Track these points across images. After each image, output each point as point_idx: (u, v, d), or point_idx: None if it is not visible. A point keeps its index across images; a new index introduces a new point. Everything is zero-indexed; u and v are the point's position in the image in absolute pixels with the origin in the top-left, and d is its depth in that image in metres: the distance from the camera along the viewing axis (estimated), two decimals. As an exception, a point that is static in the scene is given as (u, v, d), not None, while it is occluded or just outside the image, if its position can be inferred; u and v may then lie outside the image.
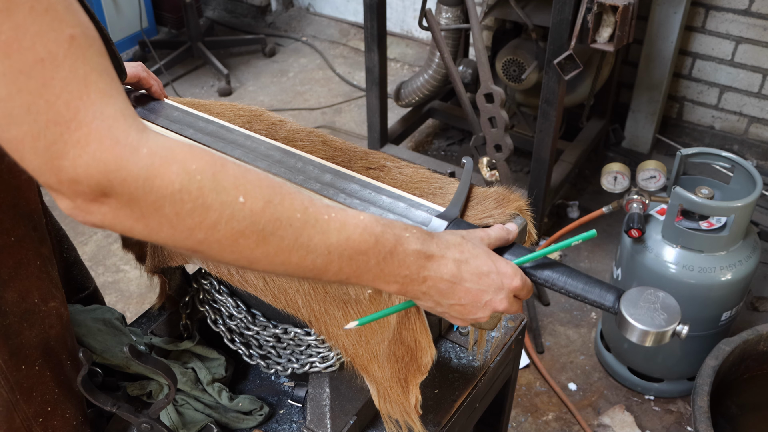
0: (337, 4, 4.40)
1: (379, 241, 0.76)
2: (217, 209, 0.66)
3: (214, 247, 0.68)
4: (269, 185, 0.70)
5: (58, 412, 1.05)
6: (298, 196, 0.72)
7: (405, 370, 1.00)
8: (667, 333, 0.84)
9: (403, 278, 0.79)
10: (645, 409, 2.33)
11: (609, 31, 2.16)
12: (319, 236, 0.72)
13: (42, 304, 0.99)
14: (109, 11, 4.01)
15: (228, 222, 0.67)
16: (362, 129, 3.58)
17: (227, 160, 0.69)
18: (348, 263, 0.75)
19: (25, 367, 0.98)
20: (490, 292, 0.84)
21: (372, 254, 0.76)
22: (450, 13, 2.96)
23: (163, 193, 0.64)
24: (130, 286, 2.74)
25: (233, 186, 0.67)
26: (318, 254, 0.73)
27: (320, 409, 1.15)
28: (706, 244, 1.99)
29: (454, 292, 0.82)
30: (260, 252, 0.70)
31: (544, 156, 2.51)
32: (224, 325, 1.21)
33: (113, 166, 0.62)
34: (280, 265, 0.72)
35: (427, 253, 0.80)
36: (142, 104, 1.22)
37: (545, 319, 2.62)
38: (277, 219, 0.69)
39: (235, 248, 0.69)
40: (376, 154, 1.14)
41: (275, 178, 0.73)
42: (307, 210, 0.72)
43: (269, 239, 0.69)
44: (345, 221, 0.74)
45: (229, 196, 0.67)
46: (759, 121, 3.15)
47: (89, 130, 0.61)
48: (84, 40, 0.62)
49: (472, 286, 0.83)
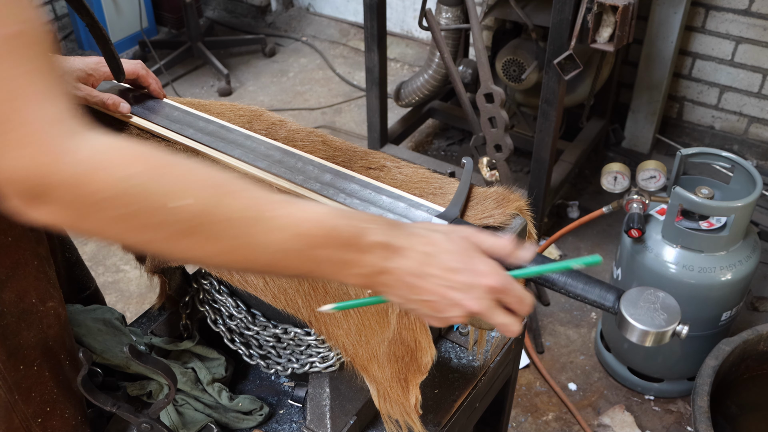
0: (337, 4, 4.40)
1: (332, 234, 0.73)
2: (159, 211, 0.66)
3: (161, 247, 0.69)
4: (215, 184, 0.69)
5: (57, 412, 1.04)
6: (247, 192, 0.71)
7: (405, 370, 1.00)
8: (667, 333, 0.84)
9: (365, 271, 0.76)
10: (645, 409, 2.33)
11: (609, 31, 2.16)
12: (268, 233, 0.71)
13: (40, 304, 0.98)
14: (109, 11, 4.01)
15: (171, 223, 0.66)
16: (362, 129, 3.58)
17: (172, 158, 0.68)
18: (302, 258, 0.73)
19: (23, 368, 0.98)
20: (460, 290, 0.78)
21: (327, 247, 0.73)
22: (450, 13, 2.96)
23: (97, 198, 0.63)
24: (130, 286, 2.74)
25: (176, 187, 0.67)
26: (269, 251, 0.71)
27: (320, 409, 1.15)
28: (706, 244, 1.99)
29: (420, 287, 0.78)
30: (208, 250, 0.70)
31: (544, 156, 2.51)
32: (224, 325, 1.21)
33: (46, 171, 0.61)
34: (231, 263, 0.72)
35: (391, 245, 0.76)
36: (140, 103, 1.22)
37: (545, 319, 2.62)
38: (223, 218, 0.68)
39: (181, 248, 0.69)
40: (376, 154, 1.14)
41: (224, 174, 0.71)
42: (255, 207, 0.71)
43: (216, 239, 0.69)
44: (297, 216, 0.72)
45: (170, 198, 0.66)
46: (759, 121, 3.15)
47: (25, 132, 0.60)
48: (27, 38, 0.61)
49: (440, 282, 0.78)
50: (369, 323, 1.00)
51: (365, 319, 1.00)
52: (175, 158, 0.69)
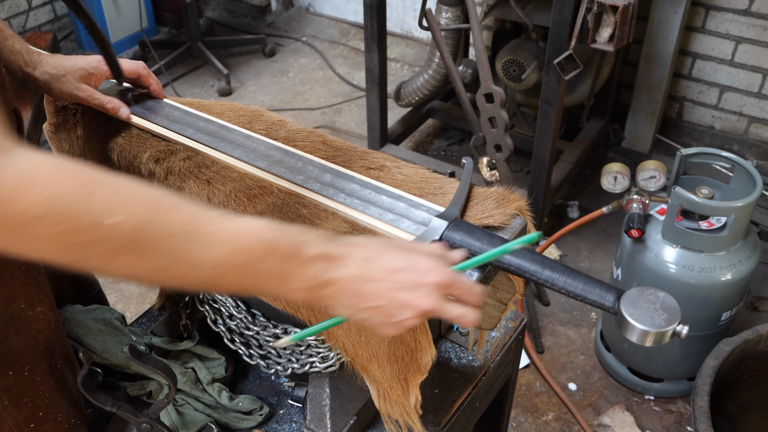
0: (337, 4, 4.40)
1: (270, 249, 0.73)
2: (89, 230, 0.65)
3: (97, 264, 0.68)
4: (146, 201, 0.69)
5: (50, 416, 1.03)
6: (179, 209, 0.70)
7: (405, 370, 1.00)
8: (667, 333, 0.84)
9: (308, 284, 0.75)
10: (645, 409, 2.33)
11: (609, 31, 2.16)
12: (203, 250, 0.70)
13: (29, 309, 0.98)
14: (109, 11, 4.01)
15: (105, 241, 0.66)
16: (362, 129, 3.58)
17: (103, 176, 0.68)
18: (242, 274, 0.72)
19: (12, 373, 0.97)
20: (406, 290, 0.77)
21: (266, 261, 0.73)
22: (450, 13, 2.96)
23: (24, 218, 0.62)
24: (130, 286, 2.74)
25: (106, 206, 0.66)
26: (204, 268, 0.71)
27: (320, 409, 1.15)
28: (706, 244, 1.99)
29: (366, 293, 0.77)
30: (145, 267, 0.69)
31: (544, 156, 2.51)
32: (224, 325, 1.21)
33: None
34: (169, 279, 0.71)
35: (330, 254, 0.76)
36: (140, 103, 1.22)
37: (545, 319, 2.62)
38: (154, 236, 0.68)
39: (117, 265, 0.68)
40: (376, 154, 1.14)
41: (155, 191, 0.70)
42: (187, 225, 0.70)
43: (148, 256, 0.68)
44: (231, 232, 0.72)
45: (100, 216, 0.65)
46: (759, 121, 3.15)
47: None
48: None
49: (385, 285, 0.77)
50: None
51: (365, 319, 1.00)
52: (107, 175, 0.68)
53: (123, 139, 1.17)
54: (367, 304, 0.78)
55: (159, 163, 1.12)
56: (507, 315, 1.40)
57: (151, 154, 1.13)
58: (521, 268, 0.90)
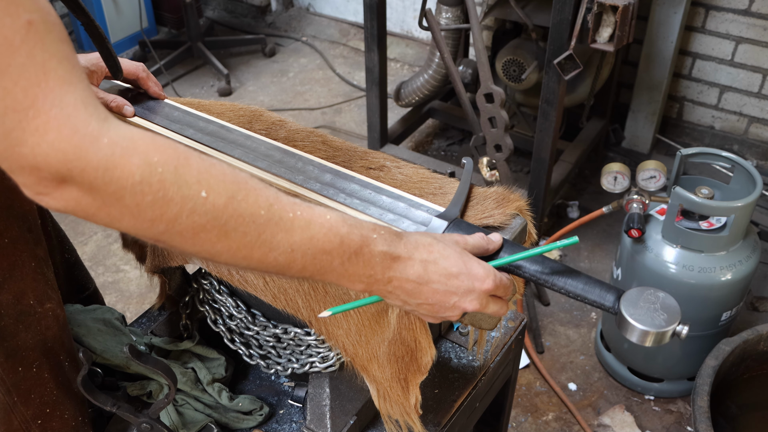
0: (337, 4, 4.40)
1: (344, 242, 0.75)
2: (178, 203, 0.65)
3: (176, 239, 0.68)
4: (233, 180, 0.70)
5: (57, 413, 1.04)
6: (264, 192, 0.72)
7: (405, 370, 1.00)
8: (667, 333, 0.84)
9: (368, 278, 0.79)
10: (645, 409, 2.33)
11: (609, 31, 2.16)
12: (282, 234, 0.71)
13: (38, 306, 0.98)
14: (109, 11, 4.01)
15: (189, 216, 0.66)
16: (362, 129, 3.58)
17: (192, 152, 0.69)
18: (311, 262, 0.74)
19: (22, 369, 0.97)
20: (458, 294, 0.83)
21: (336, 254, 0.75)
22: (450, 13, 2.96)
23: (123, 184, 0.63)
24: (130, 286, 2.74)
25: (196, 180, 0.66)
26: (280, 252, 0.72)
27: (320, 409, 1.15)
28: (706, 244, 1.99)
29: (420, 292, 0.82)
30: (222, 246, 0.70)
31: (544, 156, 2.51)
32: (224, 325, 1.21)
33: (72, 156, 0.61)
34: (242, 260, 0.72)
35: (394, 254, 0.79)
36: (140, 103, 1.22)
37: (545, 319, 2.62)
38: (239, 215, 0.69)
39: (196, 241, 0.69)
40: (376, 154, 1.14)
41: (241, 172, 0.72)
42: (271, 207, 0.71)
43: (231, 235, 0.69)
44: (310, 220, 0.73)
45: (190, 190, 0.66)
46: (759, 121, 3.15)
47: (48, 118, 0.60)
48: (43, 25, 0.61)
49: (440, 287, 0.82)
50: (369, 323, 1.00)
51: (365, 319, 1.00)
52: (196, 152, 0.69)
53: (123, 139, 1.17)
54: (419, 300, 0.83)
55: (159, 163, 1.12)
56: (507, 315, 1.40)
57: (151, 154, 1.13)
58: (521, 268, 0.90)
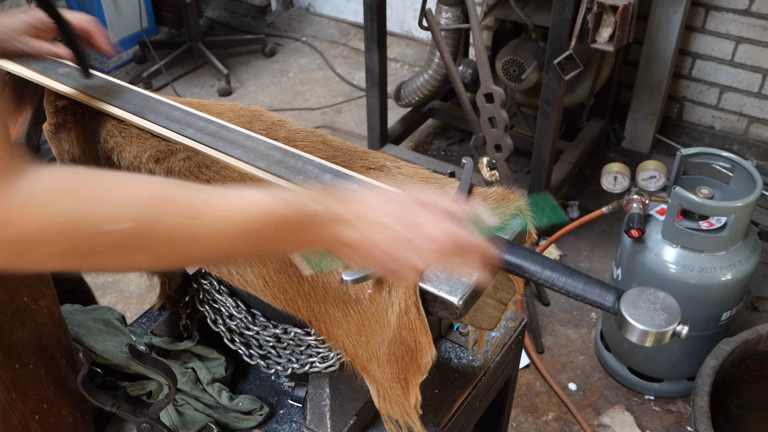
0: (337, 4, 4.40)
1: (282, 222, 0.75)
2: (98, 237, 0.66)
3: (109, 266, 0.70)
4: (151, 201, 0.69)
5: (54, 409, 1.05)
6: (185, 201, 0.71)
7: (405, 370, 1.00)
8: (667, 333, 0.84)
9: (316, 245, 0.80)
10: (645, 409, 2.33)
11: (609, 31, 2.16)
12: (212, 237, 0.72)
13: (32, 303, 0.99)
14: (109, 11, 4.01)
15: (114, 246, 0.67)
16: (362, 129, 3.58)
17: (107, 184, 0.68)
18: (254, 247, 0.76)
19: (19, 366, 0.98)
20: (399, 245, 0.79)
21: (276, 235, 0.76)
22: (450, 13, 2.96)
23: (34, 238, 0.63)
24: (130, 286, 2.74)
25: (112, 213, 0.66)
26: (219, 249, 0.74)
27: (320, 409, 1.15)
28: (706, 244, 1.99)
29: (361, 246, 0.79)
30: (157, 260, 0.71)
31: (544, 156, 2.51)
32: (224, 325, 1.21)
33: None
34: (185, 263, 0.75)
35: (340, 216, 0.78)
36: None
37: (545, 319, 2.62)
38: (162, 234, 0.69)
39: (130, 263, 0.70)
40: (376, 154, 1.14)
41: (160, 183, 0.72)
42: (194, 213, 0.71)
43: (160, 250, 0.70)
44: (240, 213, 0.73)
45: (108, 224, 0.66)
46: (759, 121, 3.15)
47: None
48: None
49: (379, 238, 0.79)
50: (369, 323, 1.00)
51: (365, 319, 1.00)
52: (111, 181, 0.69)
53: (123, 139, 1.17)
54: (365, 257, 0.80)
55: (159, 163, 1.12)
56: (507, 315, 1.40)
57: (151, 154, 1.13)
58: (521, 268, 0.90)
